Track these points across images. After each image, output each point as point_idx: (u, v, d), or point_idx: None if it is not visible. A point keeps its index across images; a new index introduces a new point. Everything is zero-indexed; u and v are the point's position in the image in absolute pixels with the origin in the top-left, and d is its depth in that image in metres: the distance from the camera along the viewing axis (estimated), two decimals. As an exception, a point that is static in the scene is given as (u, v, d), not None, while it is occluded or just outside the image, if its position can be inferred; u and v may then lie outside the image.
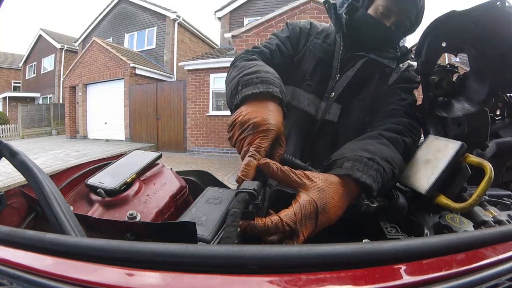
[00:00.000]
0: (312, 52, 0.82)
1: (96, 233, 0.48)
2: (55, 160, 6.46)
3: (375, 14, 0.74)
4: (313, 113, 0.81)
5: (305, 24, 0.88)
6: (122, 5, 12.20)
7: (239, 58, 0.77)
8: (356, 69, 0.75)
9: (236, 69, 0.66)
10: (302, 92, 0.82)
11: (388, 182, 0.53)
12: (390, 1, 0.72)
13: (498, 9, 0.53)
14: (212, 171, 5.15)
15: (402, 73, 0.80)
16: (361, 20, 0.75)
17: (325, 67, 0.81)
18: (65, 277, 0.25)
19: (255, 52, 0.79)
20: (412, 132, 0.66)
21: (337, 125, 0.80)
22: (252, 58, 0.74)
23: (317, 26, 0.88)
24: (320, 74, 0.81)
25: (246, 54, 0.78)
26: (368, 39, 0.76)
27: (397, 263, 0.25)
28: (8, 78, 17.05)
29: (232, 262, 0.25)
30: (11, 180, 4.47)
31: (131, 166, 0.65)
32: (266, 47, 0.82)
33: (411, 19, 0.74)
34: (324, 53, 0.81)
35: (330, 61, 0.80)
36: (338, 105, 0.79)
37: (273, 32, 0.89)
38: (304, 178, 0.44)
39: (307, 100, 0.81)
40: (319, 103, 0.81)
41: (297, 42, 0.85)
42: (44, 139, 11.34)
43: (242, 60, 0.74)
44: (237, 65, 0.69)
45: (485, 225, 0.50)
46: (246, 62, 0.69)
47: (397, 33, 0.76)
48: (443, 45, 0.62)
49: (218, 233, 0.45)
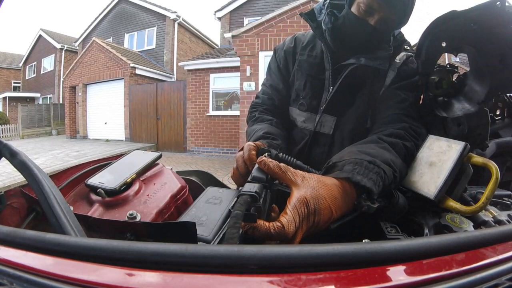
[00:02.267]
0: (299, 71, 0.83)
1: (96, 233, 0.48)
2: (55, 160, 6.46)
3: (358, 13, 0.70)
4: (312, 129, 0.81)
5: (289, 44, 0.88)
6: (122, 5, 12.20)
7: (248, 119, 0.90)
8: (342, 77, 0.73)
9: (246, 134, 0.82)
10: (297, 111, 0.84)
11: (389, 185, 0.53)
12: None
13: (498, 9, 0.53)
14: (212, 171, 5.16)
15: (399, 69, 0.73)
16: (345, 19, 0.72)
17: (315, 81, 0.80)
18: (65, 277, 0.25)
19: (257, 106, 0.89)
20: (414, 136, 0.63)
21: (332, 137, 0.80)
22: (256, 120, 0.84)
23: (301, 40, 0.87)
24: (311, 90, 0.80)
25: (251, 114, 0.89)
26: (354, 39, 0.73)
27: (397, 263, 0.25)
28: (8, 78, 17.04)
29: (232, 262, 0.25)
30: (11, 180, 4.47)
31: (131, 166, 0.65)
32: (264, 93, 0.90)
33: (397, 14, 0.68)
34: (311, 68, 0.81)
35: (320, 74, 0.79)
36: (333, 118, 0.78)
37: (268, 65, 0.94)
38: (298, 177, 0.45)
39: (303, 118, 0.83)
40: (315, 118, 0.81)
41: (286, 68, 0.87)
42: (44, 139, 11.34)
43: (249, 122, 0.87)
44: (247, 131, 0.84)
45: (485, 225, 0.50)
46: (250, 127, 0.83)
47: (384, 30, 0.71)
48: (443, 45, 0.62)
49: (218, 233, 0.45)
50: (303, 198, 0.42)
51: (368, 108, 0.76)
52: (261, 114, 0.85)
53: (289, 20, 5.92)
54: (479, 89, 0.62)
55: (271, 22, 6.03)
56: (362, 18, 0.69)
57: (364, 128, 0.76)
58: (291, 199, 0.42)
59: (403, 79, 0.73)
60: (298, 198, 0.42)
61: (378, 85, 0.75)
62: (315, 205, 0.42)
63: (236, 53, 6.46)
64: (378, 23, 0.69)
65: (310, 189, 0.43)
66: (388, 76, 0.73)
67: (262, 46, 6.10)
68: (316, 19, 0.78)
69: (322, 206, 0.43)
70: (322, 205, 0.43)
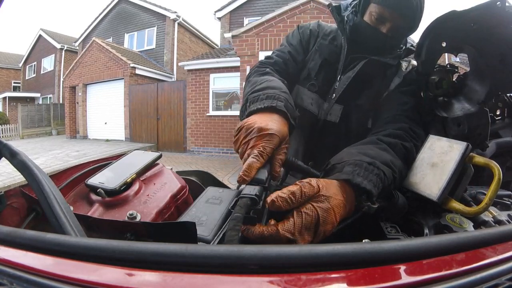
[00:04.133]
0: (318, 53, 0.83)
1: (96, 233, 0.48)
2: (55, 160, 6.46)
3: (370, 21, 0.74)
4: (316, 113, 0.81)
5: (315, 25, 0.89)
6: (122, 5, 12.19)
7: (253, 72, 0.78)
8: (357, 70, 0.76)
9: (249, 85, 0.70)
10: (306, 91, 0.82)
11: (389, 186, 0.53)
12: (381, 8, 0.71)
13: (498, 9, 0.53)
14: (212, 171, 5.16)
15: (404, 76, 0.78)
16: (358, 26, 0.76)
17: (329, 68, 0.81)
18: (65, 277, 0.25)
19: (268, 64, 0.80)
20: (413, 137, 0.64)
21: (339, 126, 0.80)
22: (264, 73, 0.75)
23: (325, 27, 0.89)
24: (324, 75, 0.81)
25: (259, 68, 0.79)
26: (368, 44, 0.77)
27: (397, 263, 0.25)
28: (8, 78, 17.03)
29: (232, 262, 0.25)
30: (11, 180, 4.47)
31: (131, 166, 0.65)
32: (279, 56, 0.83)
33: (408, 22, 0.72)
34: (330, 54, 0.82)
35: (335, 63, 0.81)
36: (340, 106, 0.79)
37: (286, 36, 0.90)
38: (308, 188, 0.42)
39: (311, 99, 0.82)
40: (322, 104, 0.81)
41: (307, 45, 0.86)
42: (44, 139, 11.34)
43: (255, 74, 0.76)
44: (250, 81, 0.72)
45: (485, 225, 0.50)
46: (258, 77, 0.71)
47: (395, 38, 0.75)
48: (443, 45, 0.62)
49: (218, 233, 0.45)
50: (312, 209, 0.41)
51: (370, 109, 0.78)
52: (272, 72, 0.77)
53: (289, 20, 5.92)
54: (479, 89, 0.62)
55: (271, 22, 6.04)
56: (374, 27, 0.74)
57: (366, 123, 0.78)
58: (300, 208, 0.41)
59: (407, 85, 0.76)
60: (308, 208, 0.41)
61: (383, 88, 0.78)
62: (325, 216, 0.41)
63: (236, 53, 6.47)
64: (390, 31, 0.73)
65: (321, 200, 0.42)
66: (393, 81, 0.77)
67: (262, 46, 6.11)
68: (341, 14, 0.82)
69: (331, 216, 0.42)
70: (331, 215, 0.42)
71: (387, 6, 0.70)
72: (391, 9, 0.70)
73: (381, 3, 0.70)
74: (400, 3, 0.69)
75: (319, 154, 0.81)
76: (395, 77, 0.78)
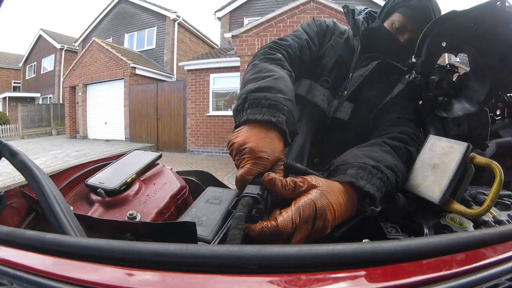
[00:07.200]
0: (333, 49, 0.84)
1: (96, 233, 0.48)
2: (55, 160, 6.46)
3: (391, 28, 0.77)
4: (325, 109, 0.81)
5: (331, 22, 0.90)
6: (122, 5, 12.19)
7: (261, 53, 0.71)
8: (370, 69, 0.76)
9: (252, 71, 0.62)
10: (318, 87, 0.82)
11: (391, 190, 0.53)
12: (406, 19, 0.75)
13: (498, 9, 0.53)
14: (212, 171, 5.15)
15: (408, 83, 0.82)
16: (376, 31, 0.78)
17: (343, 66, 0.82)
18: (65, 277, 0.25)
19: (282, 47, 0.74)
20: (417, 142, 0.64)
21: (347, 124, 0.80)
22: (275, 59, 0.68)
23: (340, 27, 0.90)
24: (337, 72, 0.82)
25: (271, 50, 0.72)
26: (381, 50, 0.78)
27: (397, 263, 0.25)
28: (8, 78, 17.03)
29: (232, 262, 0.25)
30: (11, 180, 4.47)
31: (131, 166, 0.65)
32: (295, 41, 0.78)
33: None
34: (345, 52, 0.83)
35: (349, 61, 0.82)
36: (350, 104, 0.79)
37: (301, 25, 0.89)
38: (307, 184, 0.44)
39: (323, 95, 0.81)
40: (332, 101, 0.81)
41: (323, 38, 0.86)
42: (44, 139, 11.34)
43: (264, 58, 0.68)
44: (256, 65, 0.64)
45: (485, 225, 0.50)
46: (266, 65, 0.64)
47: (409, 50, 0.76)
48: (443, 45, 0.63)
49: (218, 233, 0.45)
50: (310, 201, 0.42)
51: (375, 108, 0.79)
52: (284, 60, 0.70)
53: (289, 20, 5.92)
54: (479, 89, 0.62)
55: (271, 22, 6.03)
56: (393, 34, 0.77)
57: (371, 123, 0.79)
58: (297, 201, 0.42)
59: (409, 91, 0.80)
60: (305, 201, 0.42)
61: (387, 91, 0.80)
62: (323, 209, 0.42)
63: (236, 53, 6.46)
64: (406, 41, 0.77)
65: (320, 192, 0.43)
66: (397, 86, 0.81)
67: (262, 46, 6.10)
68: (354, 17, 0.85)
69: (328, 211, 0.42)
70: (329, 210, 0.42)
71: (411, 19, 0.75)
72: (415, 22, 0.74)
73: (406, 15, 0.75)
74: (424, 19, 0.71)
75: (325, 151, 0.82)
76: (398, 83, 0.81)
